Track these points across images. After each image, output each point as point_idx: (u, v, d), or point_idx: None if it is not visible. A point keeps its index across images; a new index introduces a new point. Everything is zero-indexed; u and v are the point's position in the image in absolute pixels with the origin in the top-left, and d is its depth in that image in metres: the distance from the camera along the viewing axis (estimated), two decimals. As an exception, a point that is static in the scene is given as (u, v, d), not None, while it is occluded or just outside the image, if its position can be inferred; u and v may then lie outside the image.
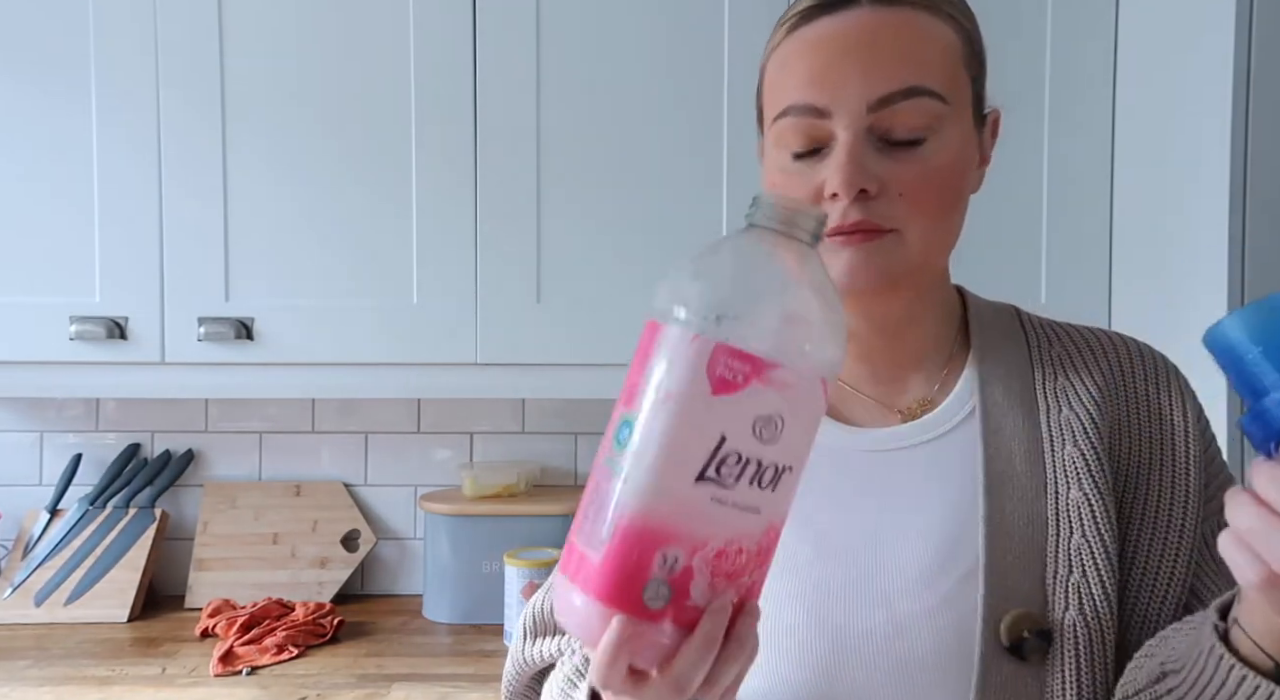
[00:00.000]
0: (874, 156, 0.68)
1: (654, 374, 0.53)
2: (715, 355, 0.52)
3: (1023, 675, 0.68)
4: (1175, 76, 1.35)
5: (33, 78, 1.49)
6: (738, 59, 1.50)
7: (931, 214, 0.70)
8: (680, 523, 0.52)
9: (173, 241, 1.50)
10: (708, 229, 1.50)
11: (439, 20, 1.49)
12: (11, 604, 1.67)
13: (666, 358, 0.53)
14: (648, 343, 0.54)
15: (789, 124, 0.70)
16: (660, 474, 0.52)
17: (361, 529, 1.81)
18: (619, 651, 0.52)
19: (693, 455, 0.52)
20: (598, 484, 0.54)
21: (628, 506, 0.52)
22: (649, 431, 0.52)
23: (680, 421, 0.52)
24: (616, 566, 0.52)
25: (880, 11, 0.69)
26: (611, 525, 0.52)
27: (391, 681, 1.42)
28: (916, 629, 0.70)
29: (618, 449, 0.53)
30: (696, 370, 0.52)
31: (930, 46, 0.69)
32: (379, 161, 1.50)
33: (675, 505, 0.52)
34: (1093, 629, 0.69)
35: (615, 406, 0.55)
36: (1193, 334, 1.34)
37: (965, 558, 0.71)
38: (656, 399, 0.52)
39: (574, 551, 0.54)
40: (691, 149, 1.51)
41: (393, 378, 1.53)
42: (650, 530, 0.52)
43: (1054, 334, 0.80)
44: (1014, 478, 0.73)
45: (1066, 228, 1.52)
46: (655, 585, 0.52)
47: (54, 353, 1.50)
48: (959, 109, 0.70)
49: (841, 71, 0.68)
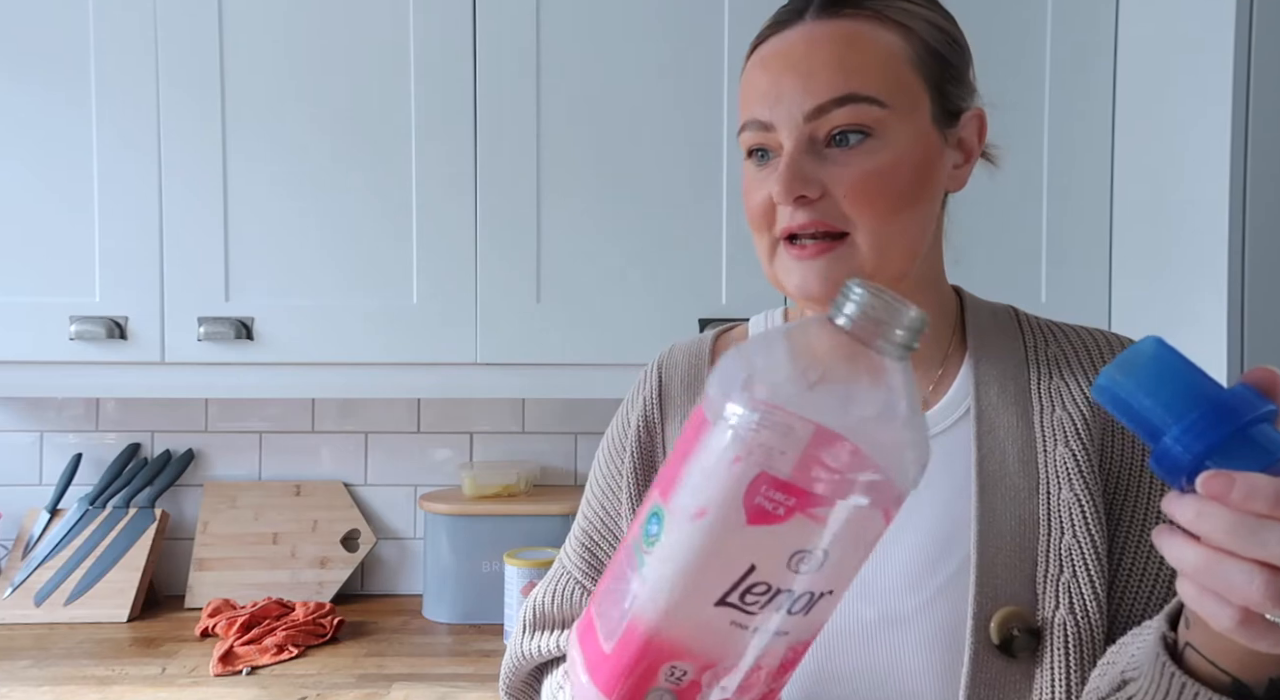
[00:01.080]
0: (815, 163, 0.71)
1: (691, 479, 0.48)
2: (755, 484, 0.46)
3: (1012, 672, 0.69)
4: (1175, 76, 1.35)
5: (33, 78, 1.49)
6: (737, 59, 1.49)
7: (879, 214, 0.71)
8: (693, 642, 0.49)
9: (173, 241, 1.50)
10: (707, 229, 1.50)
11: (439, 20, 1.49)
12: (11, 604, 1.67)
13: (705, 466, 0.47)
14: (693, 435, 0.50)
15: (748, 136, 0.75)
16: (679, 590, 0.48)
17: (361, 529, 1.81)
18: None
19: (716, 580, 0.48)
20: (622, 569, 0.51)
21: (643, 613, 0.49)
22: (675, 543, 0.48)
23: (707, 544, 0.47)
24: (623, 668, 0.50)
25: (820, 25, 0.72)
26: (625, 625, 0.50)
27: (391, 681, 1.42)
28: (907, 624, 0.71)
29: (646, 543, 0.50)
30: (734, 494, 0.46)
31: (866, 54, 0.71)
32: (379, 161, 1.50)
33: (690, 624, 0.48)
34: (1082, 628, 0.69)
35: (652, 487, 0.52)
36: (1193, 334, 1.35)
37: (956, 555, 0.72)
38: (689, 511, 0.48)
39: (591, 627, 0.53)
40: (691, 149, 1.51)
41: (393, 378, 1.53)
42: (660, 643, 0.49)
43: (1051, 334, 0.81)
44: (1006, 477, 0.74)
45: (1066, 228, 1.52)
46: (658, 695, 0.50)
47: (54, 353, 1.50)
48: (905, 111, 0.72)
49: (781, 87, 0.72)
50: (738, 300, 1.51)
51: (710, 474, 0.47)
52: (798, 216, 0.71)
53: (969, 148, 0.77)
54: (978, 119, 0.77)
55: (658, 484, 0.51)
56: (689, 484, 0.48)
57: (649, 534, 0.50)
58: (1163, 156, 1.39)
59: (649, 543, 0.50)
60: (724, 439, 0.47)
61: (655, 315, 1.50)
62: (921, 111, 0.73)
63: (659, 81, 1.50)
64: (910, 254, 0.75)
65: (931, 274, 0.79)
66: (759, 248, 0.76)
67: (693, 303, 1.51)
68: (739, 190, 1.50)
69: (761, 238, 0.75)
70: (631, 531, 0.53)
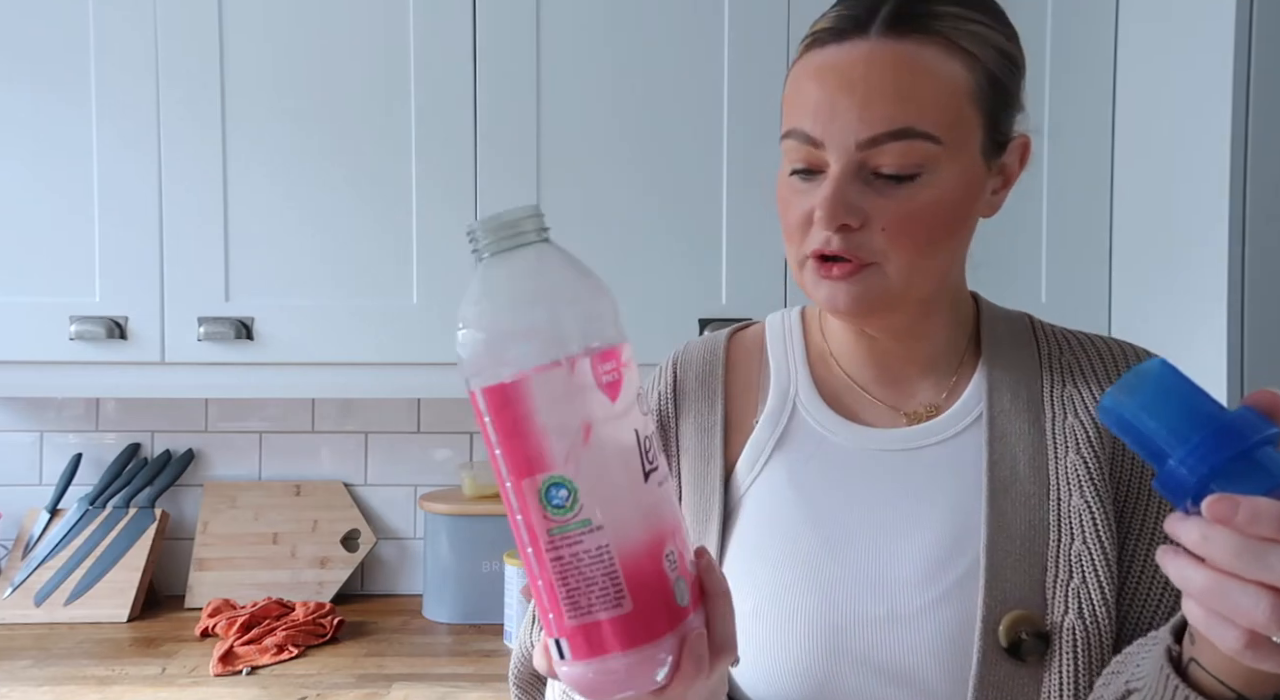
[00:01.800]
0: (860, 190, 0.70)
1: (551, 421, 0.52)
2: (594, 366, 0.53)
3: (1020, 676, 0.70)
4: (1175, 76, 1.35)
5: (33, 78, 1.49)
6: (738, 59, 1.50)
7: (914, 250, 0.71)
8: (657, 523, 0.54)
9: (173, 241, 1.50)
10: (707, 228, 1.50)
11: (439, 21, 1.49)
12: (11, 604, 1.67)
13: (552, 398, 0.52)
14: (503, 407, 0.52)
15: (792, 145, 0.73)
16: (626, 495, 0.52)
17: (361, 529, 1.81)
18: (696, 657, 0.54)
19: (632, 462, 0.53)
20: (561, 556, 0.52)
21: (624, 544, 0.52)
22: (590, 470, 0.52)
23: (609, 440, 0.52)
24: (645, 600, 0.52)
25: (886, 45, 0.69)
26: (615, 570, 0.52)
27: (391, 681, 1.42)
28: (916, 624, 0.71)
29: (561, 513, 0.52)
30: (591, 388, 0.52)
31: (930, 86, 0.69)
32: (379, 161, 1.50)
33: (647, 511, 0.53)
34: (1091, 634, 0.70)
35: (508, 486, 0.53)
36: (1192, 334, 1.35)
37: (966, 557, 0.73)
38: (575, 439, 0.52)
39: (579, 634, 0.53)
40: (691, 149, 1.50)
41: (393, 378, 1.53)
42: (648, 550, 0.52)
43: (1066, 342, 0.81)
44: (1017, 483, 0.74)
45: (1066, 228, 1.52)
46: (678, 586, 0.54)
47: (54, 353, 1.50)
48: (957, 147, 0.70)
49: (836, 107, 0.69)
50: (738, 300, 1.51)
51: (560, 397, 0.52)
52: (833, 242, 0.71)
53: (1009, 174, 0.76)
54: (1022, 146, 0.76)
55: (516, 474, 0.53)
56: (553, 429, 0.52)
57: (558, 503, 0.52)
58: (1163, 157, 1.39)
59: (569, 507, 0.52)
60: (540, 369, 0.52)
61: (655, 315, 1.50)
62: (973, 145, 0.72)
63: (659, 81, 1.50)
64: (939, 280, 0.76)
65: (951, 286, 0.80)
66: (790, 255, 0.76)
67: (693, 303, 1.51)
68: (739, 190, 1.50)
69: (793, 249, 0.75)
70: (535, 529, 0.53)
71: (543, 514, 0.52)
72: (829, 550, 0.74)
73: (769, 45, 1.49)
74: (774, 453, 0.79)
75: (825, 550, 0.74)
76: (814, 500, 0.76)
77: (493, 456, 0.53)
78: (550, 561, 0.53)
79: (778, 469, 0.79)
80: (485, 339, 0.53)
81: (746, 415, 0.82)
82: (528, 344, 0.52)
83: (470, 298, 0.54)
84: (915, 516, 0.75)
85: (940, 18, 0.70)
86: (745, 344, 0.87)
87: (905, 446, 0.78)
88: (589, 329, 0.53)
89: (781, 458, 0.79)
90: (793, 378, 0.82)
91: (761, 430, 0.80)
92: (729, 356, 0.85)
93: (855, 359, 0.81)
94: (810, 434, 0.79)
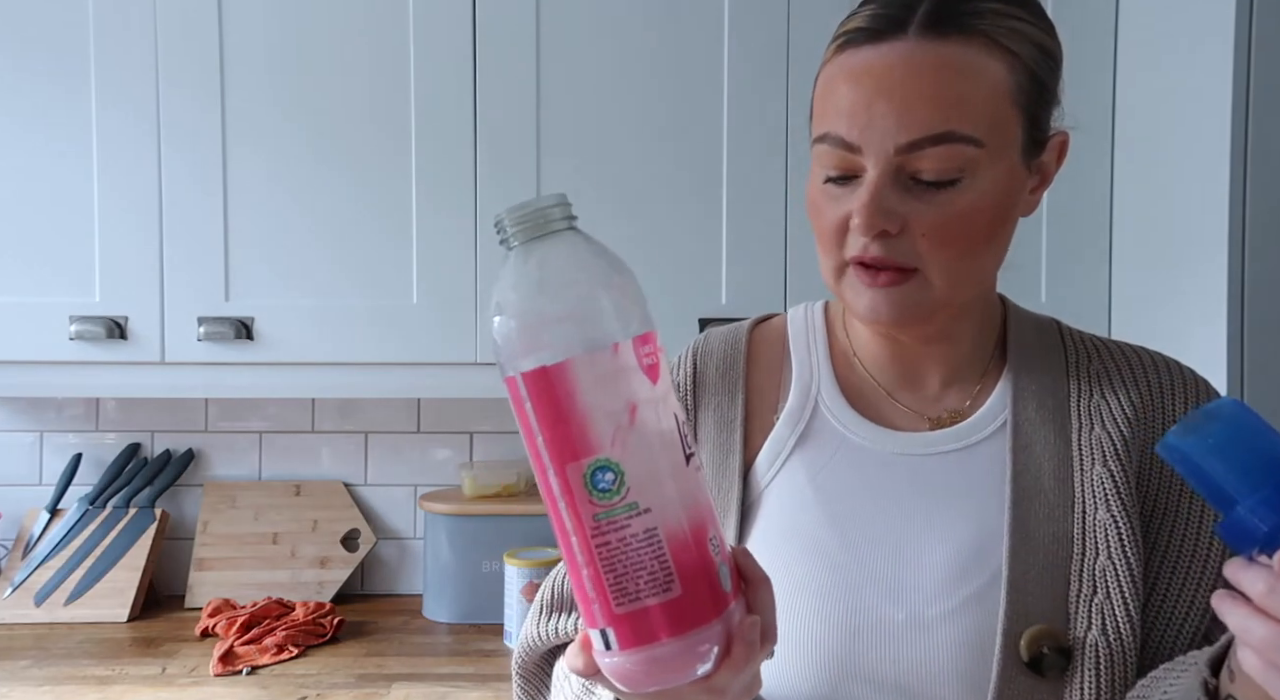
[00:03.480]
0: (899, 196, 0.68)
1: (596, 404, 0.51)
2: (635, 349, 0.53)
3: (1040, 691, 0.68)
4: (1175, 76, 1.35)
5: (33, 78, 1.49)
6: (738, 58, 1.50)
7: (955, 255, 0.69)
8: (699, 507, 0.53)
9: (173, 241, 1.50)
10: (707, 228, 1.50)
11: (439, 21, 1.49)
12: (11, 603, 1.67)
13: (598, 380, 0.51)
14: (547, 390, 0.51)
15: (825, 150, 0.70)
16: (673, 479, 0.52)
17: (361, 529, 1.81)
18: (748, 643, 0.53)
19: (674, 445, 0.53)
20: (608, 542, 0.51)
21: (671, 526, 0.51)
22: (638, 454, 0.51)
23: (653, 423, 0.52)
24: (693, 584, 0.51)
25: (925, 47, 0.67)
26: (664, 554, 0.51)
27: (391, 681, 1.42)
28: (935, 631, 0.70)
29: (608, 496, 0.51)
30: (634, 370, 0.52)
31: (971, 87, 0.67)
32: (379, 161, 1.50)
33: (691, 495, 0.53)
34: (1114, 650, 0.68)
35: (550, 473, 0.52)
36: (1192, 334, 1.34)
37: (988, 567, 0.71)
38: (621, 421, 0.51)
39: (626, 622, 0.52)
40: (692, 148, 1.50)
41: (393, 378, 1.53)
42: (693, 533, 0.52)
43: (1094, 350, 0.79)
44: (1041, 494, 0.73)
45: (1066, 228, 1.52)
46: (722, 572, 0.53)
47: (54, 353, 1.50)
48: (998, 149, 0.69)
49: (874, 111, 0.67)
50: (738, 300, 1.51)
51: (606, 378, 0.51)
52: (871, 248, 0.69)
53: (1047, 172, 0.75)
54: (1061, 145, 0.75)
55: (557, 459, 0.52)
56: (598, 413, 0.51)
57: (603, 487, 0.51)
58: (1163, 156, 1.39)
59: (614, 492, 0.51)
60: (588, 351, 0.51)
61: (655, 315, 1.49)
62: (1013, 146, 0.70)
63: (660, 80, 1.50)
64: (980, 284, 0.75)
65: (984, 293, 0.79)
66: (825, 264, 0.74)
67: (692, 302, 1.51)
68: (739, 190, 1.50)
69: (829, 257, 0.73)
70: (580, 514, 0.52)
71: (588, 499, 0.51)
72: (849, 552, 0.73)
73: (769, 46, 1.49)
74: (794, 451, 0.78)
75: (846, 552, 0.73)
76: (834, 501, 0.75)
77: (531, 445, 0.52)
78: (596, 548, 0.51)
79: (797, 467, 0.77)
80: (525, 324, 0.52)
81: (767, 410, 0.81)
82: (569, 327, 0.52)
83: (505, 285, 0.53)
84: (936, 523, 0.73)
85: (981, 15, 0.68)
86: (767, 337, 0.85)
87: (927, 451, 0.76)
88: (627, 312, 0.53)
89: (801, 456, 0.77)
90: (816, 375, 0.81)
91: (782, 427, 0.79)
92: (750, 349, 0.84)
93: (879, 360, 0.80)
94: (832, 433, 0.78)
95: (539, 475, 0.53)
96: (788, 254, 1.51)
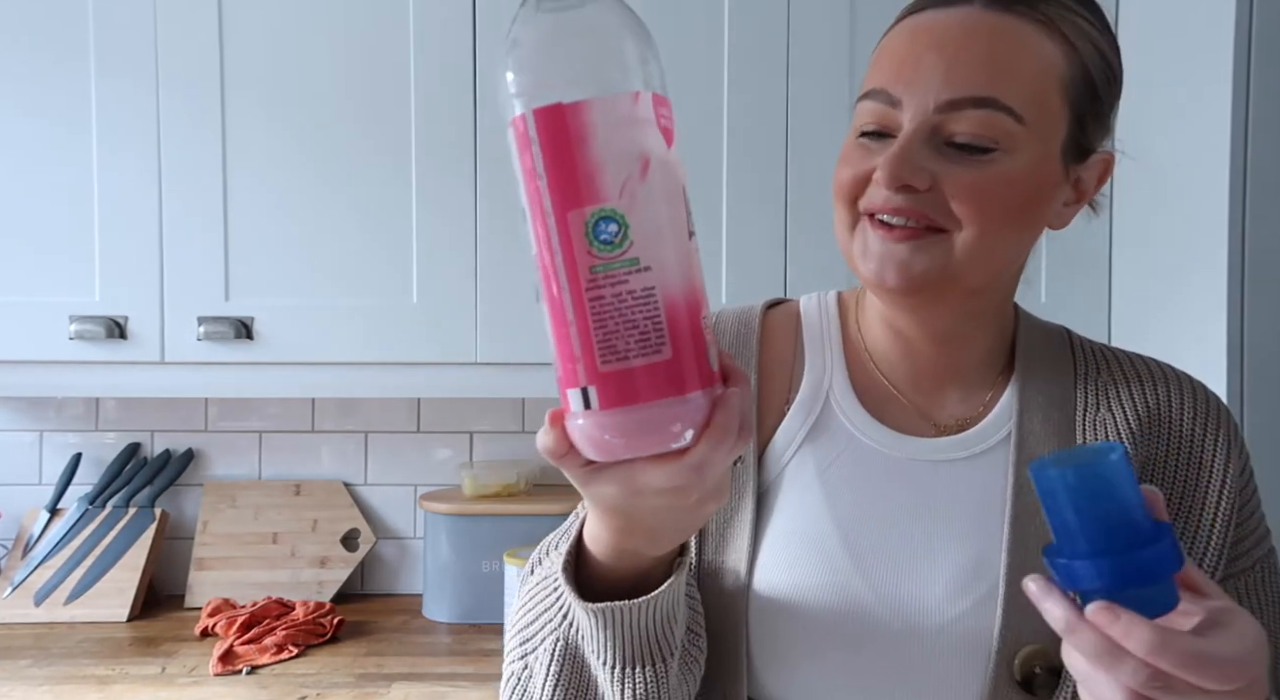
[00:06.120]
0: (930, 155, 0.67)
1: (610, 150, 0.48)
2: (656, 106, 0.50)
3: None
4: (1175, 76, 1.35)
5: (33, 77, 1.49)
6: (738, 58, 1.50)
7: (983, 223, 0.67)
8: (697, 282, 0.50)
9: (173, 241, 1.50)
10: (708, 228, 1.50)
11: (439, 20, 1.49)
12: (11, 603, 1.67)
13: (615, 126, 0.48)
14: (558, 130, 0.48)
15: (867, 106, 0.70)
16: (675, 244, 0.49)
17: (361, 528, 1.81)
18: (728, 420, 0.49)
19: (680, 212, 0.50)
20: (602, 296, 0.48)
21: (669, 290, 0.48)
22: (644, 208, 0.48)
23: (663, 182, 0.49)
24: (684, 350, 0.48)
25: (987, 14, 0.67)
26: (659, 315, 0.48)
27: (391, 681, 1.42)
28: (928, 641, 0.70)
29: (609, 249, 0.47)
30: (652, 124, 0.49)
31: (1024, 60, 0.67)
32: (379, 161, 1.50)
33: (690, 266, 0.50)
34: None
35: (549, 220, 0.49)
36: (1192, 335, 1.34)
37: (985, 581, 0.71)
38: (633, 172, 0.48)
39: (611, 380, 0.48)
40: (692, 147, 1.50)
41: (393, 378, 1.53)
42: (689, 302, 0.49)
43: (1105, 361, 0.79)
44: (1041, 511, 0.73)
45: (1066, 231, 1.51)
46: (712, 350, 0.50)
47: (54, 352, 1.50)
48: (1038, 133, 0.67)
49: (922, 66, 0.67)
50: (738, 300, 1.50)
51: (623, 125, 0.48)
52: (894, 199, 0.67)
53: (1084, 189, 0.74)
54: (1104, 164, 0.74)
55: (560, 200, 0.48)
56: (611, 161, 0.48)
57: (607, 239, 0.47)
58: (1163, 157, 1.39)
59: (617, 244, 0.47)
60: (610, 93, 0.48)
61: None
62: (1055, 139, 0.69)
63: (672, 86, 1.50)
64: (996, 272, 0.72)
65: (1001, 298, 0.78)
66: (838, 221, 0.72)
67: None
68: (739, 189, 1.50)
69: (844, 211, 0.71)
70: (576, 262, 0.48)
71: (587, 249, 0.48)
72: (852, 559, 0.72)
73: (768, 46, 1.49)
74: (804, 443, 0.77)
75: (848, 558, 0.72)
76: (840, 503, 0.74)
77: (531, 188, 0.49)
78: (589, 301, 0.48)
79: (806, 461, 0.76)
80: (544, 58, 0.49)
81: (778, 396, 0.79)
82: (592, 66, 0.48)
83: (526, 18, 0.50)
84: (937, 534, 0.73)
85: (1049, 2, 0.68)
86: (780, 321, 0.83)
87: (932, 458, 0.75)
88: (651, 69, 0.50)
89: (811, 450, 0.76)
90: (829, 369, 0.79)
91: (794, 417, 0.78)
92: (763, 331, 0.82)
93: (890, 359, 0.78)
94: (841, 430, 0.77)
95: (533, 221, 0.49)
96: (788, 254, 1.51)
